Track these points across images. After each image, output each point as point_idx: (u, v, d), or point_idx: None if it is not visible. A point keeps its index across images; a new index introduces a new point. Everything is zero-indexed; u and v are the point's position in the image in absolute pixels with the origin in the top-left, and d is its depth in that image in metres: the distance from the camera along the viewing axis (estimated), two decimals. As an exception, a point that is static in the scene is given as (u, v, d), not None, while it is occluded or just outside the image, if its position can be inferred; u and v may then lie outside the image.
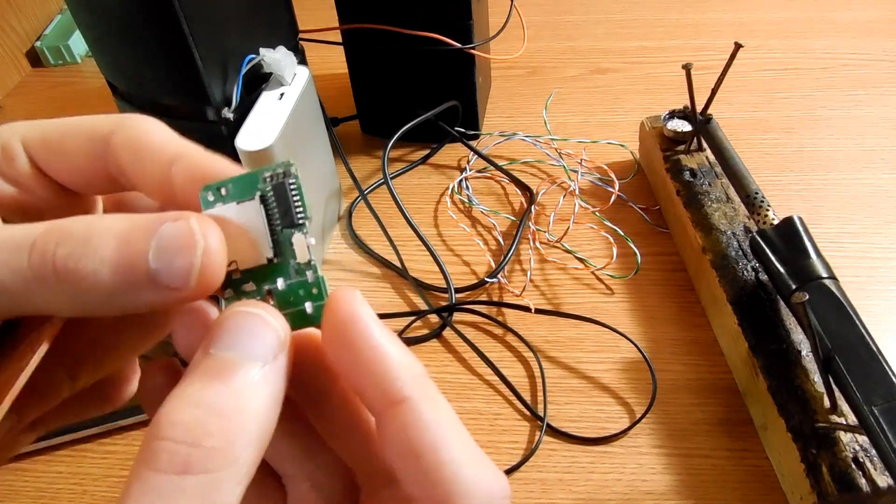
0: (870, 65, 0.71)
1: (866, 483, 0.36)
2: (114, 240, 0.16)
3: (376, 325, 0.17)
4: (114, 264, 0.16)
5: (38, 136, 0.19)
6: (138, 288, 0.16)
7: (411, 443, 0.17)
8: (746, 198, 0.48)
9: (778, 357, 0.42)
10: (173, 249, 0.16)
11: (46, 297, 0.16)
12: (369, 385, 0.17)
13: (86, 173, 0.19)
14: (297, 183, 0.18)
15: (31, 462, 0.46)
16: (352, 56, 0.62)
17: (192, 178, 0.18)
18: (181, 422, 0.15)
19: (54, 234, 0.16)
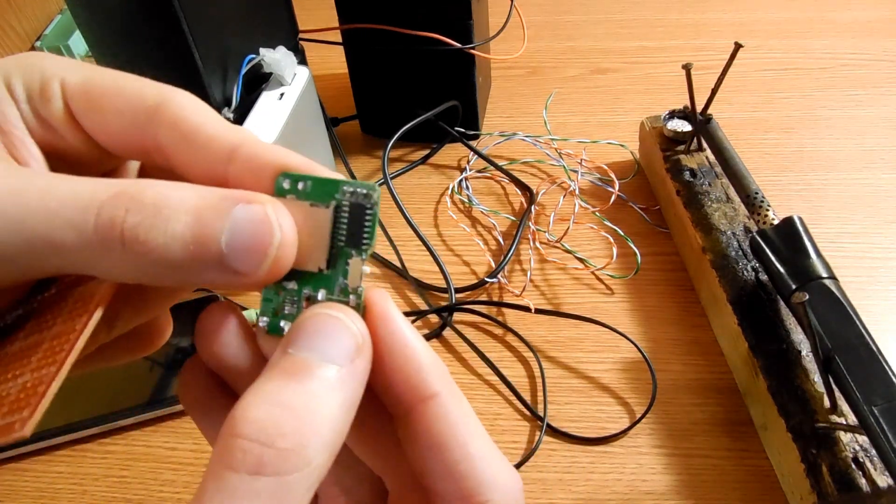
0: (870, 65, 0.71)
1: (866, 483, 0.36)
2: (186, 215, 0.15)
3: (406, 324, 0.18)
4: (185, 240, 0.15)
5: (80, 83, 0.18)
6: (206, 267, 0.16)
7: (441, 436, 0.17)
8: (746, 198, 0.48)
9: (778, 357, 0.42)
10: (248, 235, 0.16)
11: (107, 263, 0.15)
12: (400, 381, 0.17)
13: (120, 139, 0.18)
14: (375, 210, 0.18)
15: (31, 462, 0.46)
16: (352, 56, 0.62)
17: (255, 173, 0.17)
18: (256, 419, 0.15)
19: (124, 199, 0.15)
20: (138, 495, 0.44)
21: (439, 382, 0.17)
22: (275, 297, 0.18)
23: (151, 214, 0.15)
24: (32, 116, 0.18)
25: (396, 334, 0.17)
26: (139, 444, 0.46)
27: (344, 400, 0.16)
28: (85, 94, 0.18)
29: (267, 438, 0.14)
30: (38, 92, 0.18)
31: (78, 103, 0.18)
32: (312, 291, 0.18)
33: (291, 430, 0.15)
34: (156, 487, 0.44)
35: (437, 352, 0.49)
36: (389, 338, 0.17)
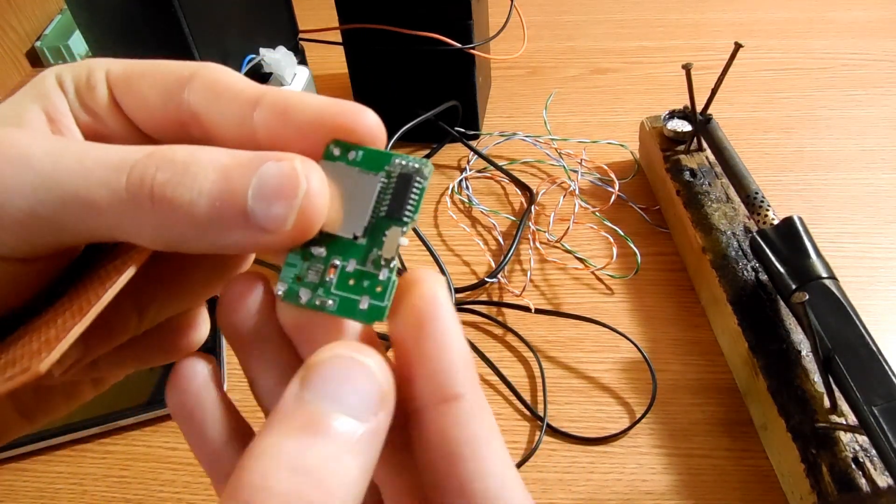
0: (870, 65, 0.71)
1: (866, 483, 0.36)
2: (214, 172, 0.15)
3: (451, 313, 0.16)
4: (211, 197, 0.15)
5: (122, 71, 0.19)
6: (232, 225, 0.15)
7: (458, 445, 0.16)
8: (746, 198, 0.48)
9: (778, 357, 0.42)
10: (274, 189, 0.15)
11: (137, 223, 0.15)
12: (427, 373, 0.16)
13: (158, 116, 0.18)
14: (423, 185, 0.17)
15: (31, 462, 0.46)
16: (352, 56, 0.62)
17: (279, 116, 0.17)
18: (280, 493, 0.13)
19: (155, 158, 0.15)
20: (138, 495, 0.44)
21: (468, 385, 0.16)
22: (299, 263, 0.17)
23: (181, 172, 0.15)
24: (79, 106, 0.19)
25: (439, 320, 0.16)
26: (139, 444, 0.46)
27: (364, 462, 0.15)
28: (126, 78, 0.18)
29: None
30: (84, 83, 0.18)
31: (120, 88, 0.18)
32: (342, 260, 0.17)
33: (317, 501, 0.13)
34: (156, 487, 0.44)
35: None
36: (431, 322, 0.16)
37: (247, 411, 0.20)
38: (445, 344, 0.16)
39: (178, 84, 0.18)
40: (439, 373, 0.16)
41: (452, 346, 0.16)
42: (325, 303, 0.17)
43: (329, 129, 0.17)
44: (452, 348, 0.16)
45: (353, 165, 0.17)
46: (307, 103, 0.17)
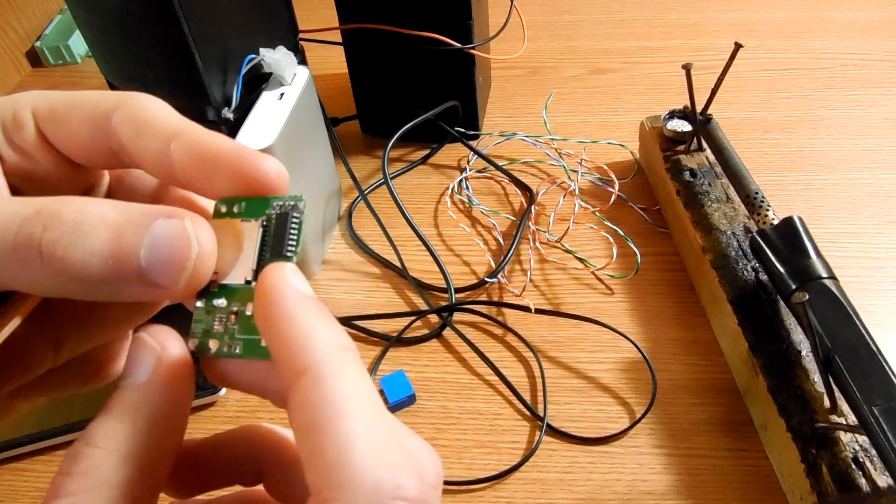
0: (870, 65, 0.71)
1: (866, 483, 0.36)
2: (105, 231, 0.16)
3: (296, 296, 0.16)
4: (104, 256, 0.16)
5: (47, 106, 0.19)
6: (126, 282, 0.16)
7: (304, 417, 0.15)
8: (746, 198, 0.48)
9: (778, 357, 0.42)
10: (166, 249, 0.16)
11: (29, 278, 0.16)
12: (281, 360, 0.16)
13: (88, 147, 0.19)
14: (300, 219, 0.18)
15: (30, 462, 0.46)
16: (352, 56, 0.62)
17: (190, 153, 0.18)
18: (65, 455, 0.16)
19: (43, 216, 0.16)
20: (138, 495, 0.44)
21: (317, 355, 0.15)
22: (205, 318, 0.18)
23: (70, 230, 0.16)
24: (6, 145, 0.19)
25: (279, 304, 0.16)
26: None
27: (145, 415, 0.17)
28: (52, 113, 0.19)
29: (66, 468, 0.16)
30: (10, 122, 0.19)
31: (47, 124, 0.19)
32: (241, 306, 0.18)
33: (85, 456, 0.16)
34: (156, 487, 0.44)
35: (436, 352, 0.49)
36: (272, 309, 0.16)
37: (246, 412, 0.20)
38: (287, 325, 0.16)
39: (105, 116, 0.18)
40: (287, 352, 0.16)
41: (296, 325, 0.16)
42: (232, 349, 0.18)
43: (234, 171, 0.18)
44: (296, 327, 0.16)
45: (238, 217, 0.18)
46: (217, 145, 0.18)
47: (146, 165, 0.18)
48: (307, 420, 0.15)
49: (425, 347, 0.50)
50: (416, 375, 0.48)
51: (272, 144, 0.45)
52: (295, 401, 0.15)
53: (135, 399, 0.17)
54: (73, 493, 0.15)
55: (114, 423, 0.16)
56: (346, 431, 0.14)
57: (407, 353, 0.50)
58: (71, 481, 0.15)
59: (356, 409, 0.15)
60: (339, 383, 0.15)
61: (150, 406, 0.17)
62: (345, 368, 0.15)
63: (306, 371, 0.15)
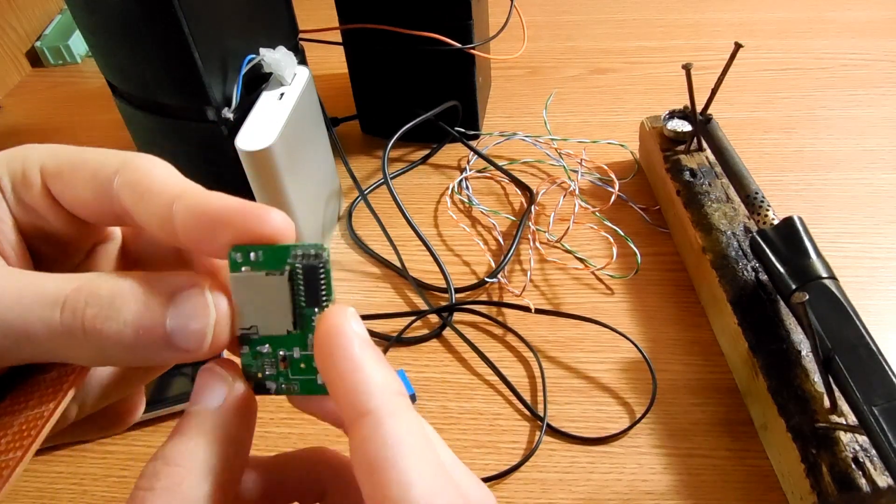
0: (870, 65, 0.71)
1: (866, 483, 0.36)
2: (135, 304, 0.17)
3: (358, 340, 0.18)
4: (135, 326, 0.17)
5: (54, 165, 0.20)
6: (156, 348, 0.18)
7: (368, 456, 0.16)
8: (746, 198, 0.48)
9: (778, 357, 0.42)
10: (188, 317, 0.18)
11: (72, 350, 0.17)
12: (342, 397, 0.17)
13: (93, 209, 0.20)
14: (327, 268, 0.19)
15: (31, 462, 0.46)
16: (352, 56, 0.62)
17: (193, 215, 0.18)
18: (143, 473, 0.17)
19: (83, 294, 0.17)
20: (138, 495, 0.44)
21: (377, 400, 0.17)
22: (254, 363, 0.20)
23: (107, 305, 0.17)
24: (17, 204, 0.20)
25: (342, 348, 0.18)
26: (139, 444, 0.46)
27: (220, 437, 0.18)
28: (58, 173, 0.20)
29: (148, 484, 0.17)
30: (20, 181, 0.20)
31: (54, 183, 0.20)
32: (287, 351, 0.19)
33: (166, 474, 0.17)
34: (156, 487, 0.44)
35: (436, 352, 0.49)
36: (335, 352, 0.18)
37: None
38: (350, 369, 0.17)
39: (107, 180, 0.19)
40: (350, 394, 0.17)
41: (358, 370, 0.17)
42: (291, 388, 0.20)
43: (241, 228, 0.18)
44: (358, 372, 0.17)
45: (259, 269, 0.19)
46: (220, 205, 0.18)
47: (150, 229, 0.19)
48: (369, 459, 0.16)
49: (425, 347, 0.50)
50: (416, 375, 0.48)
51: (272, 145, 0.45)
52: (357, 440, 0.17)
53: (209, 422, 0.18)
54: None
55: (190, 443, 0.17)
56: (406, 471, 0.16)
57: (407, 353, 0.50)
58: (154, 497, 0.16)
59: (414, 451, 0.16)
60: (399, 426, 0.17)
61: (225, 428, 0.18)
62: (403, 413, 0.17)
63: (369, 413, 0.17)
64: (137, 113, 0.50)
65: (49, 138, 0.75)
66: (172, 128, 0.50)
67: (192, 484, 0.17)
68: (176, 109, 0.49)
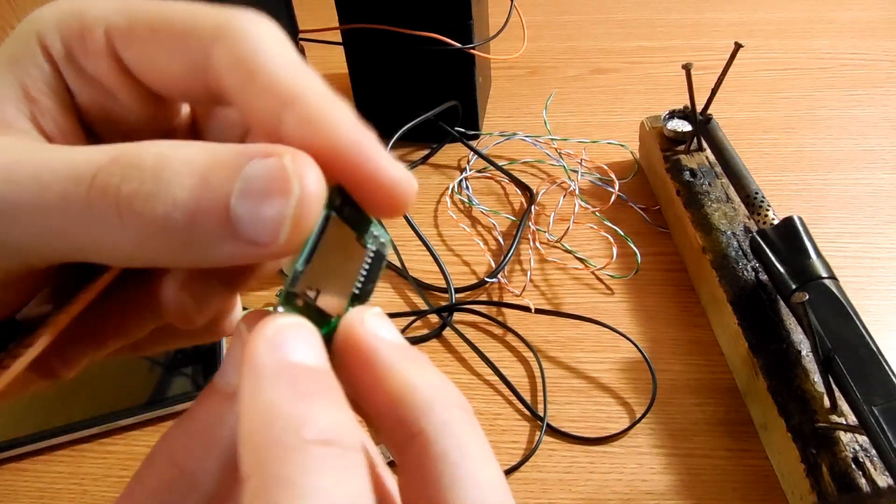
0: (870, 65, 0.71)
1: (866, 483, 0.36)
2: (190, 178, 0.13)
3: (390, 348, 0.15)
4: (189, 209, 0.13)
5: (126, 23, 0.15)
6: (217, 239, 0.13)
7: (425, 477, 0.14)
8: (746, 198, 0.48)
9: (778, 357, 0.42)
10: (261, 195, 0.13)
11: (107, 241, 0.13)
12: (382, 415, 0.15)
13: (180, 83, 0.16)
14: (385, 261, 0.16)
15: (31, 462, 0.46)
16: (352, 56, 0.62)
17: (306, 135, 0.14)
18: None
19: (120, 164, 0.13)
20: (138, 495, 0.44)
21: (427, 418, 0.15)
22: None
23: (150, 180, 0.13)
24: (73, 74, 0.16)
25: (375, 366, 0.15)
26: (139, 444, 0.46)
27: None
28: (131, 35, 0.15)
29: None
30: (79, 45, 0.16)
31: (126, 49, 0.16)
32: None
33: None
34: (156, 487, 0.44)
35: (436, 352, 0.49)
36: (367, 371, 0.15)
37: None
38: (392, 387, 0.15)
39: (202, 49, 0.15)
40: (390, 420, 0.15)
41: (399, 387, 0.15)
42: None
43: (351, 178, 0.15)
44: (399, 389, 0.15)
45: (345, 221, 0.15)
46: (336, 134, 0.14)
47: (251, 124, 0.16)
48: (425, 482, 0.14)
49: (425, 347, 0.50)
50: (416, 375, 0.48)
51: (272, 144, 0.45)
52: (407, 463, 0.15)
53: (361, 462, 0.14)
54: None
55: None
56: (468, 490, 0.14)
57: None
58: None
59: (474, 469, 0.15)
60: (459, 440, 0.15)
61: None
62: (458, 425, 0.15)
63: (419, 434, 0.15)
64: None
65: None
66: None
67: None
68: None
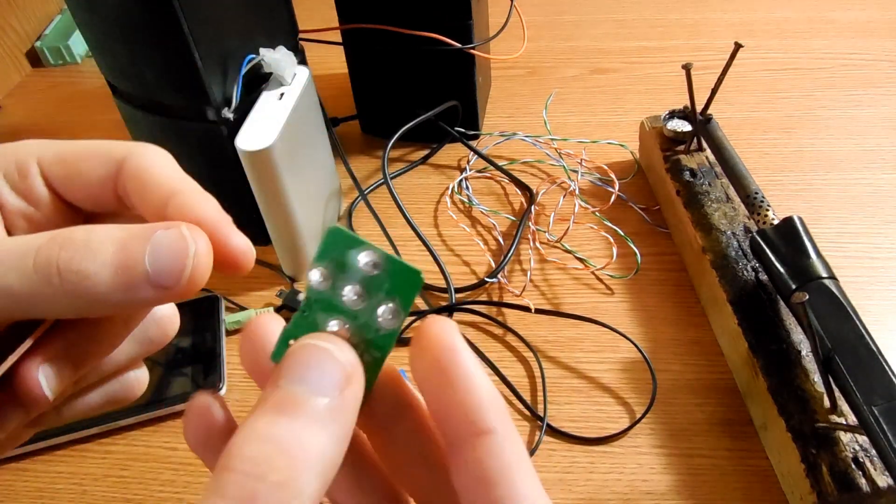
0: (870, 65, 0.71)
1: (866, 483, 0.36)
2: (112, 245, 0.18)
3: (471, 356, 0.18)
4: (113, 266, 0.17)
5: (53, 155, 0.21)
6: (136, 288, 0.18)
7: (491, 472, 0.17)
8: (746, 198, 0.48)
9: (778, 357, 0.42)
10: (167, 252, 0.18)
11: (50, 299, 0.17)
12: (460, 413, 0.18)
13: (96, 193, 0.21)
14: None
15: (31, 462, 0.46)
16: (352, 56, 0.62)
17: (180, 217, 0.19)
18: (250, 457, 0.15)
19: (57, 241, 0.17)
20: (138, 495, 0.44)
21: (497, 419, 0.18)
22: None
23: (82, 248, 0.17)
24: (12, 193, 0.20)
25: (459, 364, 0.18)
26: (139, 444, 0.46)
27: (334, 432, 0.16)
28: (61, 162, 0.21)
29: (259, 473, 0.15)
30: (14, 172, 0.20)
31: (54, 172, 0.21)
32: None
33: (283, 465, 0.15)
34: (156, 487, 0.44)
35: (437, 352, 0.49)
36: (451, 367, 0.18)
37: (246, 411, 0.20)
38: (469, 387, 0.18)
39: (116, 165, 0.20)
40: (470, 413, 0.18)
41: (477, 388, 0.18)
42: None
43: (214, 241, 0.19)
44: (478, 390, 0.18)
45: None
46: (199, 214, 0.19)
47: (146, 214, 0.20)
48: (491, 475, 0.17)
49: (425, 347, 0.50)
50: (416, 375, 0.48)
51: (272, 144, 0.45)
52: (476, 455, 0.17)
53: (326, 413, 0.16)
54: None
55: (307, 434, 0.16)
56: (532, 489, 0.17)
57: (407, 353, 0.50)
58: (268, 491, 0.15)
59: (530, 472, 0.18)
60: (518, 447, 0.18)
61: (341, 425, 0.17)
62: (515, 433, 0.18)
63: (491, 432, 0.17)
64: (137, 113, 0.50)
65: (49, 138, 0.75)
66: (172, 128, 0.50)
67: (308, 480, 0.15)
68: (176, 109, 0.49)
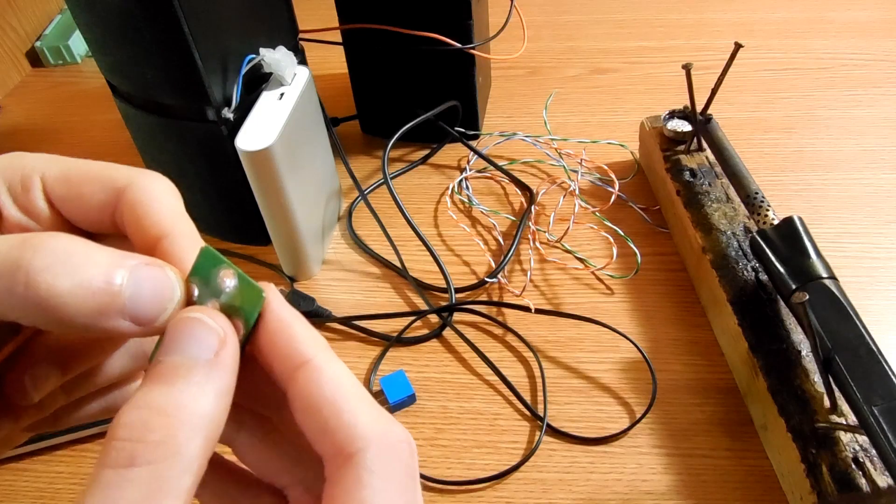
0: (870, 65, 0.71)
1: (866, 483, 0.36)
2: (95, 266, 0.17)
3: (282, 305, 0.19)
4: (92, 290, 0.17)
5: (58, 172, 0.20)
6: (108, 316, 0.17)
7: (314, 398, 0.18)
8: (746, 198, 0.48)
9: (778, 357, 0.42)
10: (149, 290, 0.18)
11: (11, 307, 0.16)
12: (277, 356, 0.18)
13: (95, 217, 0.20)
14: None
15: (31, 462, 0.46)
16: (352, 56, 0.62)
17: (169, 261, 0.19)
18: (127, 422, 0.16)
19: (31, 244, 0.16)
20: (138, 495, 0.44)
21: (312, 349, 0.18)
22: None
23: (60, 261, 0.16)
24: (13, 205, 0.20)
25: (272, 311, 0.19)
26: (139, 444, 0.46)
27: (211, 390, 0.17)
28: (64, 182, 0.20)
29: (138, 436, 0.16)
30: (18, 185, 0.20)
31: (57, 190, 0.20)
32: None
33: (160, 425, 0.16)
34: (156, 487, 0.44)
35: (436, 352, 0.49)
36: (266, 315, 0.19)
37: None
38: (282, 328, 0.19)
39: (116, 193, 0.20)
40: (285, 350, 0.18)
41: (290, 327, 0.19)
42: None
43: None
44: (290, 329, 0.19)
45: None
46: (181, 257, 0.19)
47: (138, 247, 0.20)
48: (316, 399, 0.18)
49: (425, 347, 0.50)
50: (416, 375, 0.48)
51: (272, 144, 0.45)
52: (299, 386, 0.18)
53: (201, 374, 0.17)
54: (151, 461, 0.15)
55: (183, 395, 0.17)
56: (354, 401, 0.18)
57: (407, 353, 0.50)
58: (146, 450, 0.15)
59: (354, 386, 0.18)
60: (337, 369, 0.18)
61: (217, 382, 0.17)
62: (334, 358, 0.19)
63: (308, 361, 0.18)
64: (137, 113, 0.50)
65: (49, 138, 0.75)
66: (172, 128, 0.50)
67: (187, 437, 0.16)
68: (176, 109, 0.49)
